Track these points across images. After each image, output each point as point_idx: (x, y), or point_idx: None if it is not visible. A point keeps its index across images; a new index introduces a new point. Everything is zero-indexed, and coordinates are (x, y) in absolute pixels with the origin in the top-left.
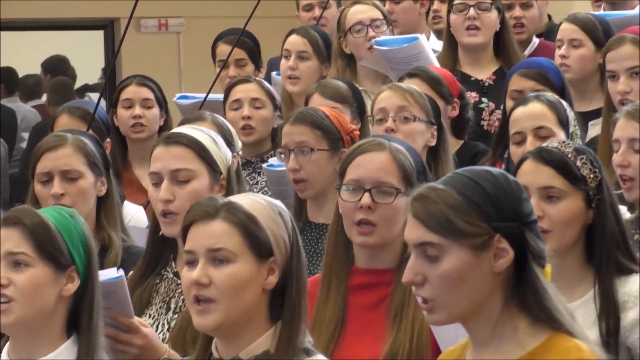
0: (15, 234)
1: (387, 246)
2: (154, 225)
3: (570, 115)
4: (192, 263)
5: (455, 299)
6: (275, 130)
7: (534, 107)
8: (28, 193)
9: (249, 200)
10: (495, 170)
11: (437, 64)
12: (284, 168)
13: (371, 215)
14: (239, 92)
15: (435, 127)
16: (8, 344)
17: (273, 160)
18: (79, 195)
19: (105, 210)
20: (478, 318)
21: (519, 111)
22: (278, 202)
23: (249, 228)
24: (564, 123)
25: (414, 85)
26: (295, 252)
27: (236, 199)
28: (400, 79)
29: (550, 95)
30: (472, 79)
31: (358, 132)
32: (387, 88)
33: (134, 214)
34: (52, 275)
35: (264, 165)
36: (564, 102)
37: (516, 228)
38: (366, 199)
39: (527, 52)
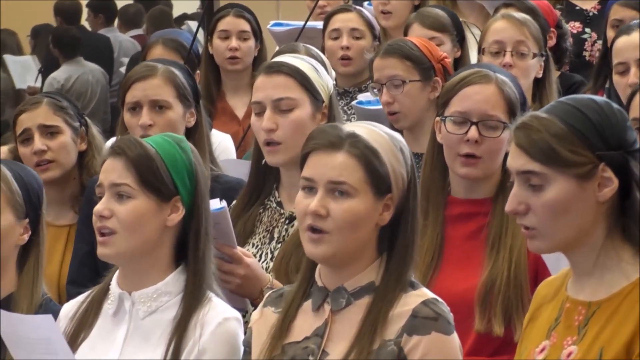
0: (119, 164)
1: (488, 177)
2: (257, 155)
3: None
4: (309, 190)
5: (559, 228)
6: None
7: (638, 37)
8: (118, 121)
9: (372, 133)
10: (599, 98)
11: None
12: (374, 107)
13: (477, 149)
14: (338, 21)
15: (544, 58)
16: (117, 273)
17: (362, 97)
18: (167, 126)
19: (194, 140)
20: (581, 248)
21: (622, 41)
22: (399, 137)
23: (371, 164)
24: None
25: None
26: (412, 189)
27: (359, 130)
28: (497, 10)
29: None
30: (577, 8)
31: (449, 60)
32: (501, 17)
33: (220, 142)
34: (154, 206)
35: (353, 102)
36: None
37: (620, 157)
38: (473, 132)
39: None
